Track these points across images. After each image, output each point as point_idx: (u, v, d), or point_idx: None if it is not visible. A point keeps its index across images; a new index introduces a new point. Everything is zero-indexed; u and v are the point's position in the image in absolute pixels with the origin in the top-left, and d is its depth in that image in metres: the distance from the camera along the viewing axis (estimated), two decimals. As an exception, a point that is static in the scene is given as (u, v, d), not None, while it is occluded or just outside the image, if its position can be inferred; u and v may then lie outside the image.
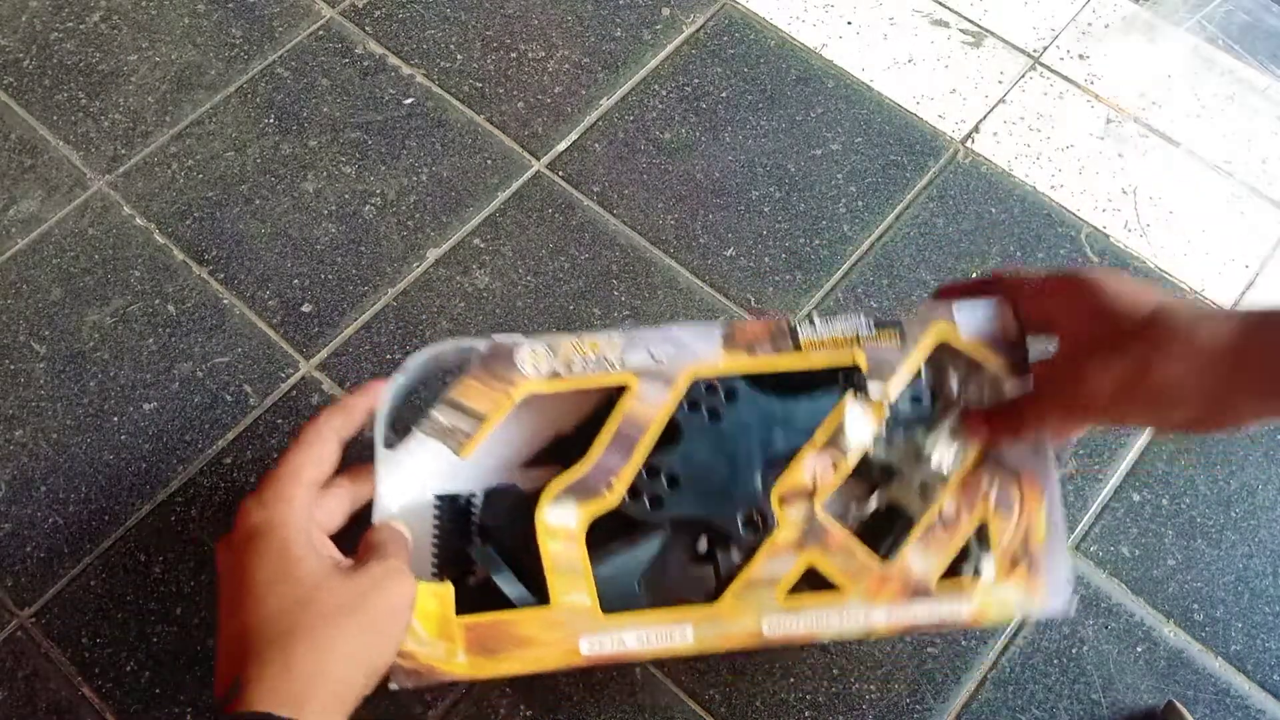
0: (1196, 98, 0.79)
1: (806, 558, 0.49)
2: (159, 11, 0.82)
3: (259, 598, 0.41)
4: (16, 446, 0.65)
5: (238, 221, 0.73)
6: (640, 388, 0.50)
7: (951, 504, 0.50)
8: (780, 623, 0.48)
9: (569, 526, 0.48)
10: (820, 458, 0.50)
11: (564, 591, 0.48)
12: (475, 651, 0.47)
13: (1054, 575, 0.50)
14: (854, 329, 0.51)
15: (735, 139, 0.77)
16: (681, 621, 0.48)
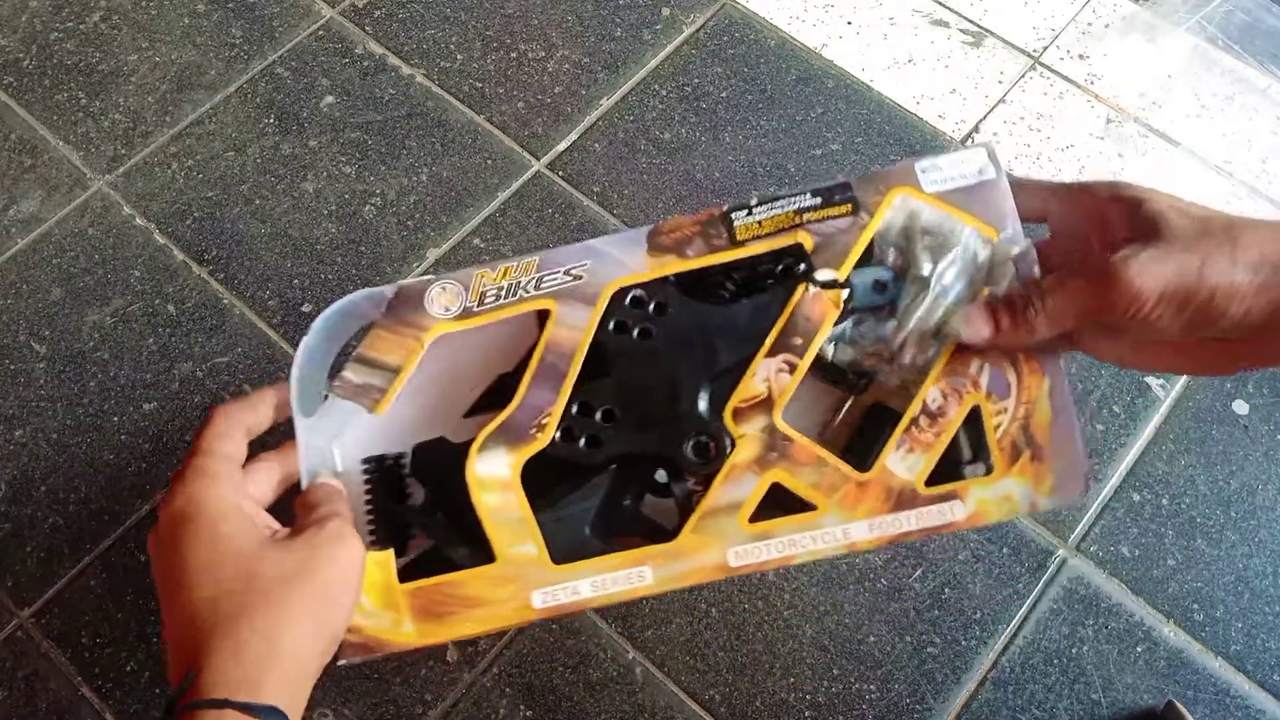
0: (1196, 98, 0.79)
1: (770, 476, 0.44)
2: (159, 11, 0.82)
3: (196, 583, 0.39)
4: (16, 446, 0.65)
5: (238, 221, 0.73)
6: (560, 311, 0.45)
7: (936, 392, 0.44)
8: (747, 552, 0.44)
9: (502, 475, 0.44)
10: (774, 362, 0.44)
11: (508, 544, 0.44)
12: (423, 618, 0.44)
13: (1064, 460, 0.44)
14: (796, 205, 0.45)
15: (735, 139, 0.77)
16: (638, 563, 0.44)
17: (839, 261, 0.44)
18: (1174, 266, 0.38)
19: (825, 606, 0.61)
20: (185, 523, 0.40)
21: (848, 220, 0.45)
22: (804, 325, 0.44)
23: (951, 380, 0.44)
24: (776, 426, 0.44)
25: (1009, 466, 0.44)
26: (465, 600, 0.44)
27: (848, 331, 0.45)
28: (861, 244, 0.44)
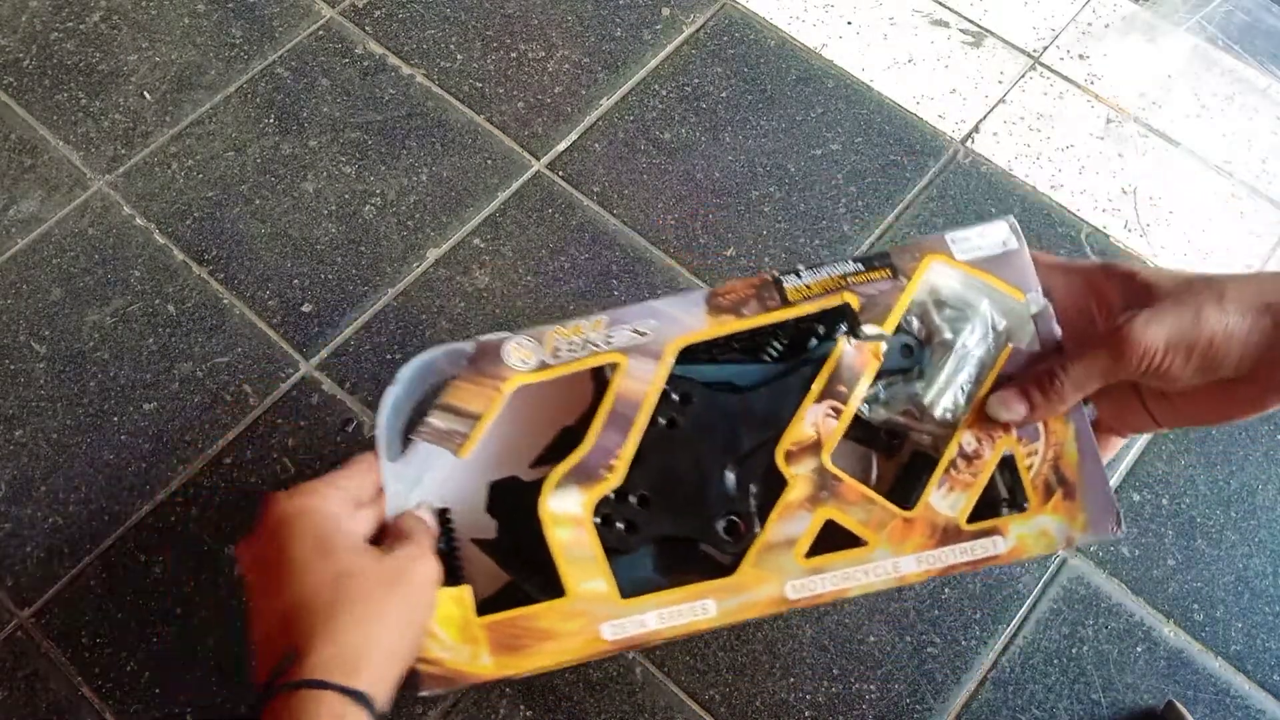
0: (1196, 98, 0.79)
1: (823, 513, 0.47)
2: (159, 11, 0.82)
3: (298, 577, 0.42)
4: (16, 446, 0.65)
5: (238, 221, 0.73)
6: (629, 365, 0.48)
7: (970, 437, 0.48)
8: (805, 585, 0.46)
9: (574, 513, 0.47)
10: (821, 408, 0.48)
11: (579, 580, 0.47)
12: (499, 651, 0.46)
13: (1094, 497, 0.47)
14: (840, 271, 0.49)
15: (735, 139, 0.77)
16: (702, 597, 0.47)
17: (883, 318, 0.49)
18: (1172, 320, 0.43)
19: (825, 606, 0.61)
20: (291, 524, 0.43)
21: (889, 283, 0.49)
22: (848, 375, 0.48)
23: (984, 425, 0.48)
24: (826, 467, 0.47)
25: (1043, 504, 0.47)
26: (538, 633, 0.46)
27: (880, 394, 0.49)
28: (902, 303, 0.49)
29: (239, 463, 0.65)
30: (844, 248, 0.72)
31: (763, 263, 0.72)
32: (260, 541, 0.44)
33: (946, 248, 0.49)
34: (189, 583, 0.61)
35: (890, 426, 0.50)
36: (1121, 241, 0.73)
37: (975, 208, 0.74)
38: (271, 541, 0.43)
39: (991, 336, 0.49)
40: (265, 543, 0.44)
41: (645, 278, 0.71)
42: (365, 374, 0.68)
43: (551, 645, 0.46)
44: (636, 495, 0.48)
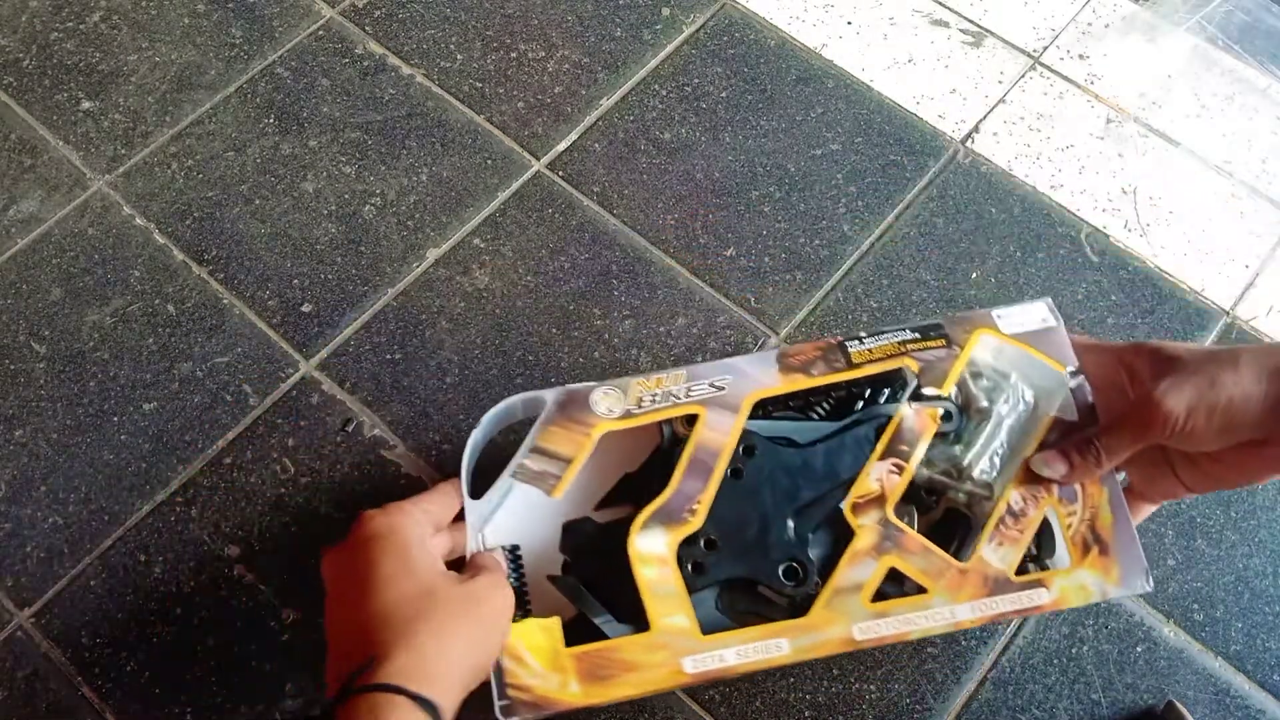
0: (1196, 98, 0.79)
1: (887, 561, 0.51)
2: (159, 11, 0.82)
3: (382, 590, 0.45)
4: (16, 446, 0.65)
5: (238, 221, 0.73)
6: (708, 416, 0.53)
7: (1018, 497, 0.53)
8: (870, 627, 0.50)
9: (660, 552, 0.51)
10: (885, 464, 0.53)
11: (663, 614, 0.50)
12: (587, 680, 0.49)
13: (1127, 556, 0.52)
14: (900, 338, 0.55)
15: (735, 139, 0.77)
16: (777, 635, 0.50)
17: (940, 382, 0.54)
18: (1192, 386, 0.47)
19: None
20: (380, 539, 0.47)
21: (944, 351, 0.55)
22: (909, 435, 0.53)
23: (1029, 487, 0.53)
24: (889, 519, 0.52)
25: (1082, 559, 0.52)
26: (623, 665, 0.49)
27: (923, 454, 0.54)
28: (956, 369, 0.55)
29: (239, 463, 0.65)
30: (844, 248, 0.72)
31: (763, 263, 0.72)
32: (347, 553, 0.47)
33: (993, 322, 0.56)
34: (189, 583, 0.61)
35: (930, 485, 0.54)
36: (1121, 242, 0.73)
37: (975, 208, 0.74)
38: (358, 555, 0.47)
39: (1021, 406, 0.55)
40: (352, 555, 0.47)
41: (645, 278, 0.71)
42: (365, 374, 0.68)
43: (635, 676, 0.49)
44: (704, 539, 0.52)
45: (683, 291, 0.71)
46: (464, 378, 0.68)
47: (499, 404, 0.55)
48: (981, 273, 0.72)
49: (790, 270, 0.71)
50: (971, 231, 0.73)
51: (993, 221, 0.74)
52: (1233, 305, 0.71)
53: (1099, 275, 0.72)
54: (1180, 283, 0.72)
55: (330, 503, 0.63)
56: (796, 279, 0.71)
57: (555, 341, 0.69)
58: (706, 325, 0.69)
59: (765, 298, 0.70)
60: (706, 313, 0.70)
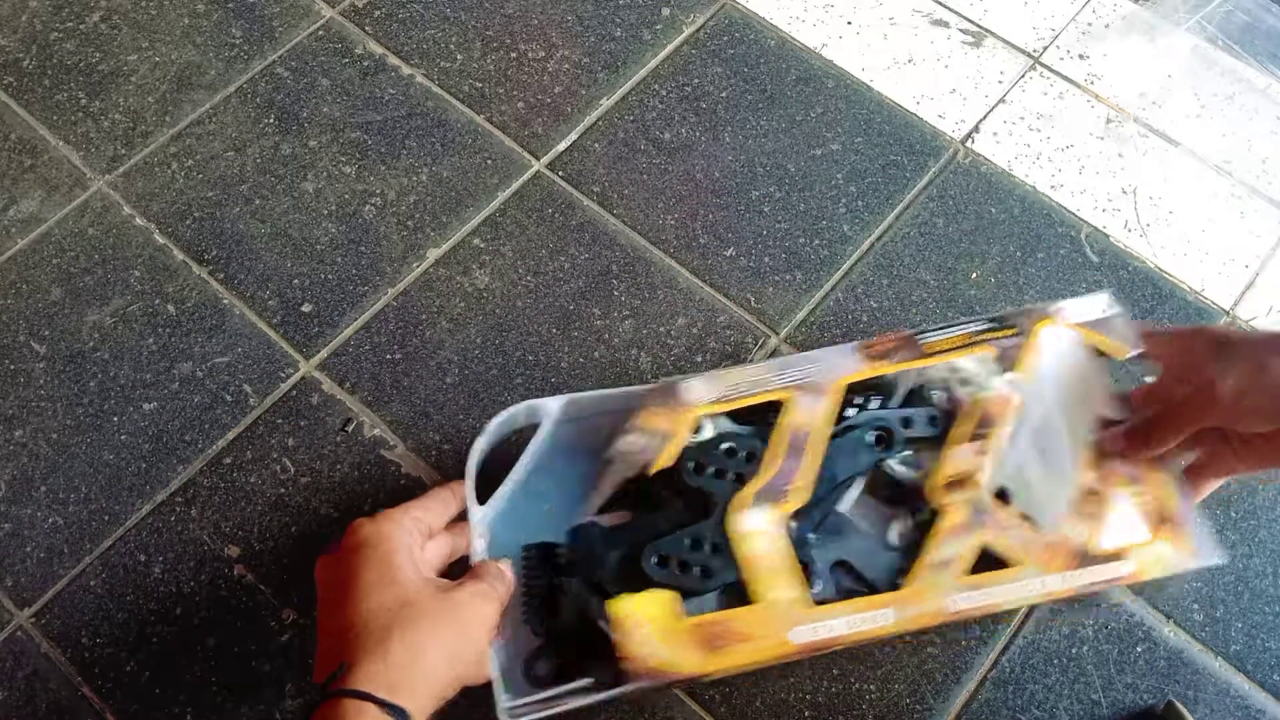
0: (1196, 98, 0.79)
1: (979, 536, 0.53)
2: (159, 11, 0.82)
3: (362, 597, 0.46)
4: (16, 446, 0.65)
5: (238, 221, 0.73)
6: (798, 400, 0.56)
7: (1092, 479, 0.55)
8: (965, 599, 0.52)
9: (764, 528, 0.53)
10: (971, 447, 0.55)
11: (769, 588, 0.52)
12: (700, 650, 0.50)
13: (1196, 531, 0.55)
14: (971, 328, 0.59)
15: (735, 139, 0.77)
16: (883, 607, 0.52)
17: (1013, 365, 0.57)
18: (1246, 371, 0.50)
19: None
20: (366, 548, 0.48)
21: (1014, 339, 0.58)
22: (990, 420, 0.56)
23: (1100, 470, 0.55)
24: (979, 497, 0.54)
25: (1156, 533, 0.55)
26: (735, 635, 0.51)
27: (911, 457, 0.57)
28: (1027, 353, 0.58)
29: (239, 463, 0.65)
30: (844, 248, 0.72)
31: (763, 262, 0.72)
32: (337, 560, 0.49)
33: (1056, 314, 0.59)
34: (189, 583, 0.61)
35: (916, 485, 0.56)
36: (1121, 242, 0.73)
37: (975, 208, 0.74)
38: (346, 562, 0.48)
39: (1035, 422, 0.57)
40: (341, 562, 0.48)
41: (645, 278, 0.71)
42: (365, 374, 0.68)
43: (747, 646, 0.51)
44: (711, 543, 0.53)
45: (683, 291, 0.71)
46: (464, 378, 0.68)
47: (504, 412, 0.56)
48: (981, 273, 0.72)
49: (790, 270, 0.71)
50: (971, 231, 0.73)
51: (993, 221, 0.74)
52: (1233, 305, 0.71)
53: (1099, 275, 0.72)
54: (1180, 282, 0.72)
55: (330, 503, 0.64)
56: (796, 279, 0.71)
57: (555, 341, 0.69)
58: (706, 325, 0.69)
59: (765, 298, 0.70)
60: (706, 313, 0.70)
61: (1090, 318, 0.59)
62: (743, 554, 0.52)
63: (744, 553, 0.52)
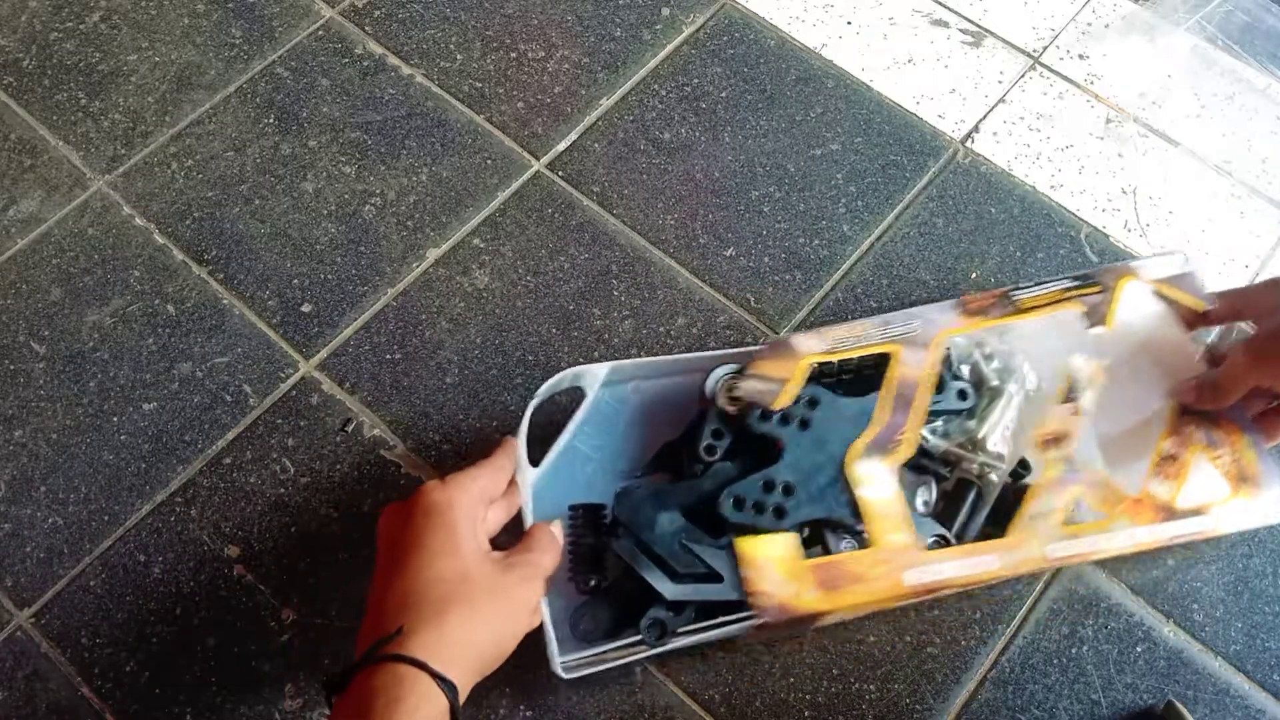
0: (1196, 98, 0.79)
1: (1073, 491, 0.57)
2: (159, 11, 0.82)
3: (425, 563, 0.47)
4: (16, 446, 0.65)
5: (237, 221, 0.73)
6: (903, 354, 0.59)
7: (1169, 445, 0.59)
8: (1062, 547, 0.56)
9: (878, 476, 0.56)
10: (1065, 408, 0.59)
11: (886, 531, 0.55)
12: (821, 588, 0.54)
13: (1276, 486, 0.58)
14: (1061, 286, 0.62)
15: (735, 139, 0.77)
16: (988, 553, 0.55)
17: (1102, 320, 0.61)
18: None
19: None
20: (435, 513, 0.49)
21: (1100, 296, 0.62)
22: (1080, 384, 0.60)
23: (1179, 436, 0.59)
24: (1072, 456, 0.58)
25: (1237, 490, 0.58)
26: (852, 576, 0.54)
27: (940, 428, 0.59)
28: (1113, 309, 0.61)
29: (239, 463, 0.65)
30: (844, 248, 0.72)
31: (762, 262, 0.72)
32: (403, 517, 0.50)
33: (1136, 271, 0.62)
34: (189, 583, 0.61)
35: (945, 456, 0.59)
36: (1121, 241, 0.73)
37: (975, 208, 0.74)
38: (413, 523, 0.49)
39: (1028, 385, 0.60)
40: (406, 523, 0.50)
41: (645, 277, 0.71)
42: (365, 374, 0.68)
43: (862, 587, 0.54)
44: (783, 484, 0.55)
45: (683, 291, 0.71)
46: (464, 378, 0.68)
47: (553, 377, 0.59)
48: (981, 273, 0.72)
49: (790, 270, 0.71)
50: (971, 231, 0.73)
51: (992, 221, 0.74)
52: (1233, 305, 0.71)
53: (1099, 275, 0.72)
54: (1180, 283, 0.72)
55: (330, 503, 0.64)
56: (796, 279, 0.71)
57: (555, 341, 0.69)
58: (706, 325, 0.69)
59: (765, 298, 0.70)
60: (706, 313, 0.70)
61: (1168, 273, 0.62)
62: (861, 500, 0.56)
63: (861, 498, 0.56)
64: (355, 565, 0.62)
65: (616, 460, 0.61)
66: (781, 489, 0.55)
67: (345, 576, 0.61)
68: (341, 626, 0.60)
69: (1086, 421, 0.59)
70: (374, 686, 0.43)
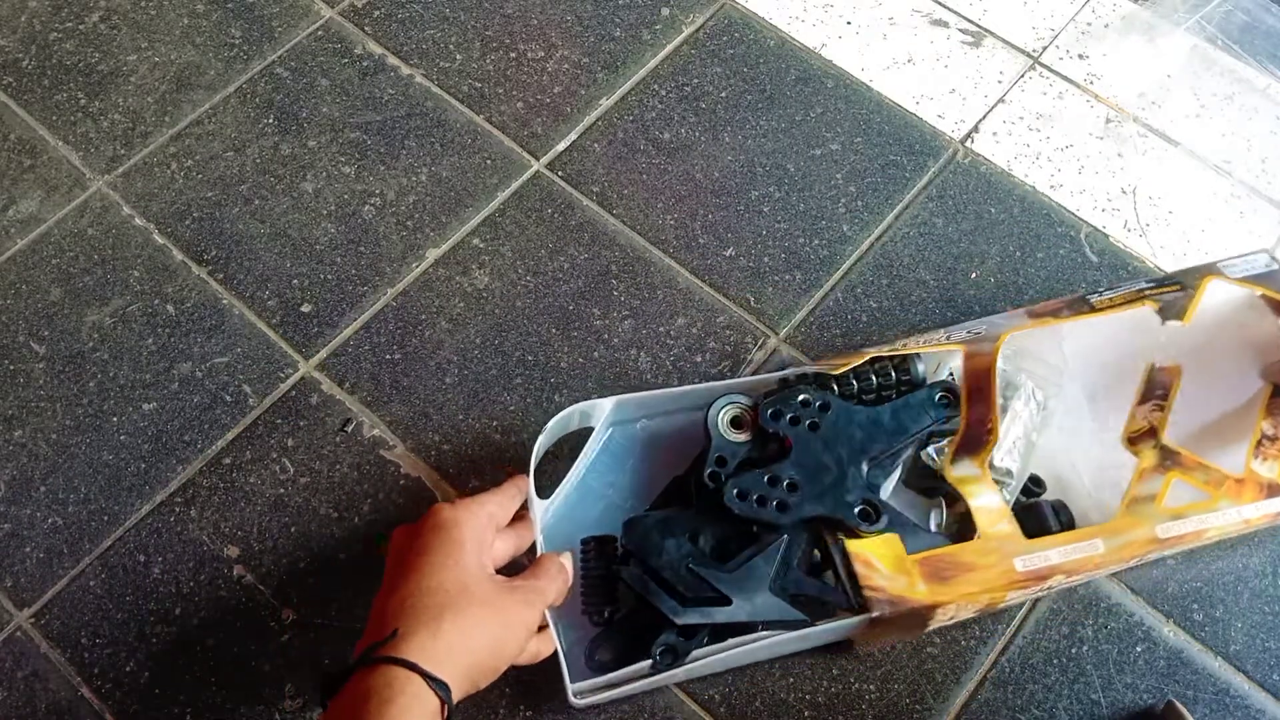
0: (1196, 98, 0.79)
1: (1171, 475, 0.58)
2: (159, 11, 0.82)
3: (426, 573, 0.48)
4: (16, 446, 0.65)
5: (237, 221, 0.73)
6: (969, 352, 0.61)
7: (1269, 425, 0.60)
8: (1171, 527, 0.57)
9: (975, 474, 0.58)
10: (1147, 406, 0.61)
11: (990, 524, 0.56)
12: (931, 580, 0.55)
13: None
14: (1136, 287, 0.62)
15: (735, 139, 0.77)
16: (1092, 538, 0.56)
17: (1180, 315, 0.60)
18: None
19: None
20: (442, 529, 0.51)
21: (1179, 293, 0.61)
22: (1162, 382, 0.62)
23: (1274, 418, 0.60)
24: (1164, 444, 0.60)
25: None
26: (962, 566, 0.55)
27: (946, 448, 0.59)
28: (1194, 304, 0.60)
29: (238, 463, 0.65)
30: (843, 248, 0.72)
31: (762, 262, 0.72)
32: (412, 534, 0.52)
33: (1221, 270, 0.62)
34: (189, 583, 0.61)
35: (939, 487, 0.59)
36: (1121, 241, 0.73)
37: (975, 208, 0.74)
38: (421, 536, 0.51)
39: (1034, 404, 0.62)
40: (415, 537, 0.51)
41: (645, 278, 0.71)
42: (365, 374, 0.68)
43: (974, 575, 0.55)
44: (788, 480, 0.56)
45: (682, 291, 0.71)
46: (463, 378, 0.68)
47: (561, 412, 0.59)
48: (981, 273, 0.72)
49: (790, 270, 0.71)
50: (971, 231, 0.73)
51: (992, 221, 0.74)
52: (1232, 305, 0.71)
53: (1099, 275, 0.72)
54: (1180, 282, 0.72)
55: (330, 503, 0.64)
56: (796, 279, 0.71)
57: (555, 341, 0.69)
58: (706, 325, 0.69)
59: (765, 298, 0.70)
60: (706, 313, 0.70)
61: (1253, 272, 0.63)
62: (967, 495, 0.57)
63: (966, 494, 0.57)
64: (355, 565, 0.62)
65: (629, 496, 0.62)
66: (786, 485, 0.56)
67: (345, 576, 0.61)
68: (341, 627, 0.60)
69: (1173, 414, 0.60)
70: (367, 688, 0.44)
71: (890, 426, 0.58)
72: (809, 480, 0.56)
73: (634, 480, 0.62)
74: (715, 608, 0.54)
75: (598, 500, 0.61)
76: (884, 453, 0.57)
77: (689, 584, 0.54)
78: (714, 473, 0.57)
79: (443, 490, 0.64)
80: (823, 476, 0.56)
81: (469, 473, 0.64)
